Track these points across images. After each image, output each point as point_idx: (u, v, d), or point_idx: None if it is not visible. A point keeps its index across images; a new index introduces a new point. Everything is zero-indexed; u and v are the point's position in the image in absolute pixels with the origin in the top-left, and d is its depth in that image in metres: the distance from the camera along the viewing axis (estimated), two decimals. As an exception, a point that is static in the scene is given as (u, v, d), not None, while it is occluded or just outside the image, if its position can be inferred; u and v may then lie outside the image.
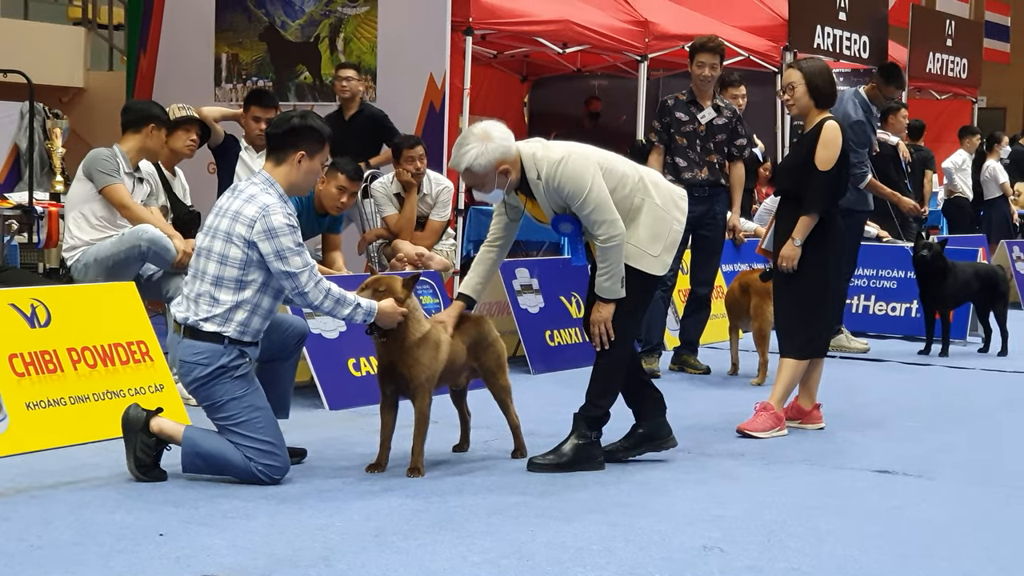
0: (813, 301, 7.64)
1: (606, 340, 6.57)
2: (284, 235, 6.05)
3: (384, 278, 6.49)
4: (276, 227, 6.05)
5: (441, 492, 6.03)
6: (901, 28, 18.35)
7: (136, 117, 8.46)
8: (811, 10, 15.85)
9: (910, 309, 11.88)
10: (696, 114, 9.66)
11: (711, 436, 7.59)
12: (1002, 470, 6.96)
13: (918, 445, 7.51)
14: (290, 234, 6.07)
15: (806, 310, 7.65)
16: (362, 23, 11.72)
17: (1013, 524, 5.90)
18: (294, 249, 6.07)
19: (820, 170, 7.56)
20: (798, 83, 7.60)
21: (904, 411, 8.04)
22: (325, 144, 6.34)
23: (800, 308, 7.66)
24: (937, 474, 6.80)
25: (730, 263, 11.53)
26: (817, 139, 7.57)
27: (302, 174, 6.29)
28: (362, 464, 6.52)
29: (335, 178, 8.99)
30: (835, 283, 7.97)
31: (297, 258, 6.07)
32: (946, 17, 19.54)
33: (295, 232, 6.10)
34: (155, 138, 8.46)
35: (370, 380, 8.23)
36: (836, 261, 7.78)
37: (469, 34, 11.76)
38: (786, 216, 7.74)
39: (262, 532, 5.36)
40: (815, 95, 7.63)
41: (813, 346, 7.73)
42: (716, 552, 5.27)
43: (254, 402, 6.17)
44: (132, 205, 8.25)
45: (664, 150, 9.69)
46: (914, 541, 5.53)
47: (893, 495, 6.35)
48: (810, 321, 7.68)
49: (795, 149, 8.02)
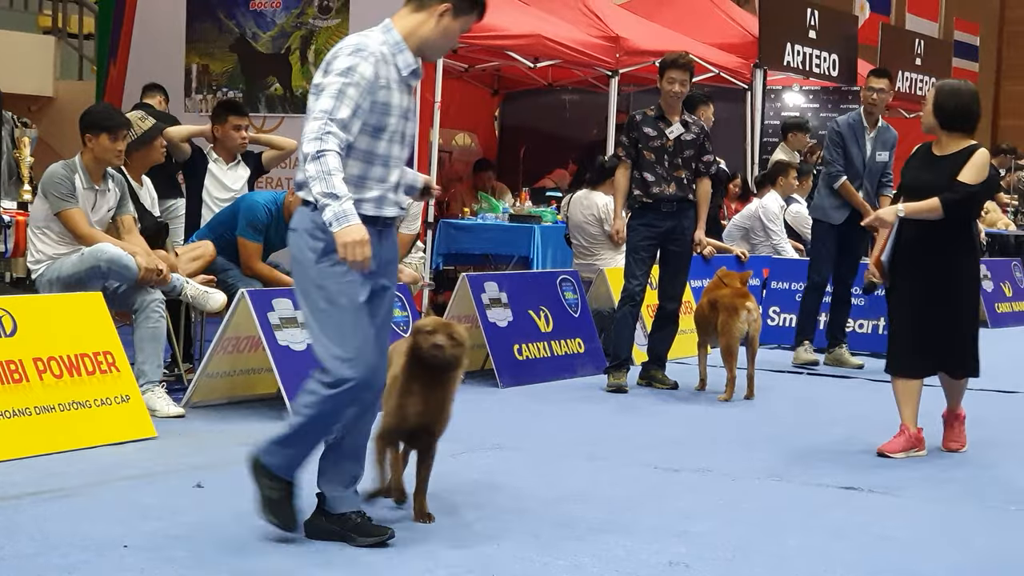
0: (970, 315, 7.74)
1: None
2: (334, 72, 5.12)
3: (456, 326, 5.77)
4: (332, 62, 5.16)
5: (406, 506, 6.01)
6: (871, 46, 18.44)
7: (82, 126, 8.33)
8: (781, 28, 15.92)
9: (877, 326, 11.91)
10: (664, 129, 9.68)
11: (678, 451, 7.59)
12: (969, 488, 6.98)
13: (884, 462, 7.52)
14: (344, 76, 5.10)
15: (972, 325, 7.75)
16: (333, 35, 11.70)
17: (980, 542, 5.91)
18: (330, 93, 5.08)
19: (967, 182, 7.53)
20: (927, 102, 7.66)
21: (870, 428, 8.05)
22: (475, 9, 5.37)
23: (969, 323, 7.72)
24: (903, 491, 6.81)
25: (699, 278, 11.56)
26: (967, 161, 7.54)
27: (439, 32, 5.31)
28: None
29: (304, 190, 8.98)
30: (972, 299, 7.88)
31: (327, 100, 5.07)
32: (915, 36, 19.66)
33: (350, 76, 5.10)
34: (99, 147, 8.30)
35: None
36: (974, 275, 7.78)
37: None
38: (919, 228, 7.62)
39: (226, 545, 5.34)
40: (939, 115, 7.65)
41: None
42: (682, 568, 5.27)
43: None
44: (85, 232, 8.10)
45: (632, 165, 9.71)
46: (880, 559, 5.54)
47: (859, 512, 6.35)
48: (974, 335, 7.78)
49: (932, 169, 7.74)
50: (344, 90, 5.08)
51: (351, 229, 4.99)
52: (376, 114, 5.19)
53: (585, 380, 10.04)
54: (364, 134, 5.17)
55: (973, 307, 7.78)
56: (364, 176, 5.21)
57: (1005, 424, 8.93)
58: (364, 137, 5.17)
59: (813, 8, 16.57)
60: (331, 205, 4.98)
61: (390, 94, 5.22)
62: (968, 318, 7.71)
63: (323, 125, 5.03)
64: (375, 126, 5.20)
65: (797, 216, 13.60)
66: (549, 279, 10.59)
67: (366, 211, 5.18)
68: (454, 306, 9.75)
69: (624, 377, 9.70)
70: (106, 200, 8.35)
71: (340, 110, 5.07)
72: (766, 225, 13.26)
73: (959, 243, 7.59)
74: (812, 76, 16.73)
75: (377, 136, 5.21)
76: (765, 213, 13.30)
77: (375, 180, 5.23)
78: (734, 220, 13.69)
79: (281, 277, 9.01)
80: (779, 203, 13.45)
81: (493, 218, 13.14)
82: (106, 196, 8.35)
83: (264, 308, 8.08)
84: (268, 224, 9.03)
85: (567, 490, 6.51)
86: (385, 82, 5.20)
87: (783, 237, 13.31)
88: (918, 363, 7.65)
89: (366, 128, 5.17)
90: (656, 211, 9.67)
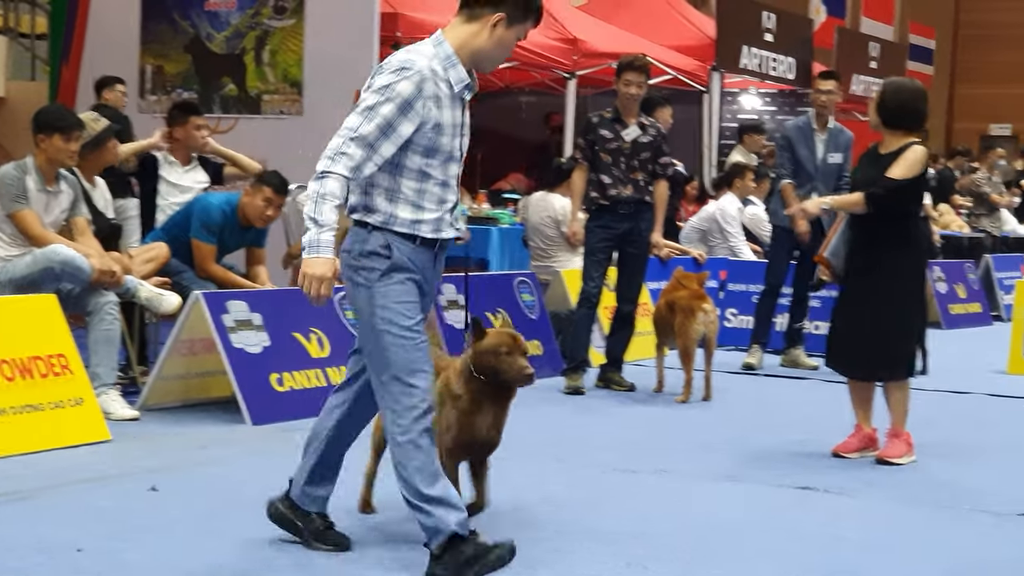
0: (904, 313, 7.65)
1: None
2: (372, 89, 4.94)
3: (520, 338, 5.57)
4: (375, 78, 4.98)
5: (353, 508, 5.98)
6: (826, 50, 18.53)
7: (34, 126, 8.25)
8: (737, 31, 15.98)
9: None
10: (620, 132, 9.68)
11: (637, 453, 7.59)
12: (923, 488, 7.01)
13: (840, 462, 7.54)
14: (379, 93, 4.90)
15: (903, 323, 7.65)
16: (288, 36, 11.66)
17: (934, 542, 5.93)
18: (361, 110, 4.90)
19: (893, 177, 7.53)
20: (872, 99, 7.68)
21: (826, 429, 8.07)
22: (530, 17, 5.16)
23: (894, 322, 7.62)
24: (859, 492, 6.83)
25: (656, 280, 11.57)
26: (897, 157, 7.56)
27: (493, 42, 5.08)
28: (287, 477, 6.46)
29: (261, 191, 8.97)
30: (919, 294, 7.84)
31: (355, 117, 4.90)
32: (870, 39, 19.76)
33: (386, 93, 4.89)
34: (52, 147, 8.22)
35: (293, 395, 8.20)
36: (914, 273, 7.70)
37: (398, 48, 11.70)
38: (858, 225, 7.68)
39: (180, 548, 5.30)
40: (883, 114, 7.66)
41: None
42: (640, 569, 5.26)
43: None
44: (38, 233, 8.04)
45: (589, 167, 9.71)
46: (836, 559, 5.55)
47: (816, 513, 6.37)
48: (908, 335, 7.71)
49: (875, 166, 7.73)
50: (376, 107, 4.88)
51: (319, 262, 4.84)
52: (428, 134, 4.96)
53: (543, 382, 9.99)
54: (416, 153, 4.97)
55: (910, 307, 7.66)
56: (420, 197, 5.01)
57: (958, 425, 8.97)
58: (416, 156, 4.98)
59: (769, 11, 16.63)
60: (311, 231, 4.82)
61: (441, 112, 4.98)
62: (901, 318, 7.59)
63: (341, 144, 4.85)
64: (427, 147, 4.98)
65: (754, 218, 13.63)
66: (506, 281, 10.58)
67: (424, 233, 5.01)
68: (411, 308, 9.70)
69: (581, 379, 9.70)
70: (59, 202, 8.28)
71: (365, 127, 4.86)
72: (723, 227, 13.28)
73: (895, 241, 7.54)
74: (768, 79, 16.80)
75: (431, 156, 5.00)
76: (722, 215, 13.33)
77: (432, 201, 5.03)
78: (691, 222, 13.71)
79: (235, 279, 8.96)
80: (736, 205, 13.48)
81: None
82: (59, 197, 8.28)
83: (218, 310, 8.03)
84: (223, 226, 8.98)
85: (524, 491, 6.49)
86: (435, 100, 4.95)
87: (740, 239, 13.34)
88: (850, 363, 7.68)
89: (417, 148, 4.96)
90: (613, 213, 9.67)
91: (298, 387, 8.31)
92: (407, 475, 5.01)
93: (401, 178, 4.98)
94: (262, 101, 11.80)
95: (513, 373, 5.41)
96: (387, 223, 4.98)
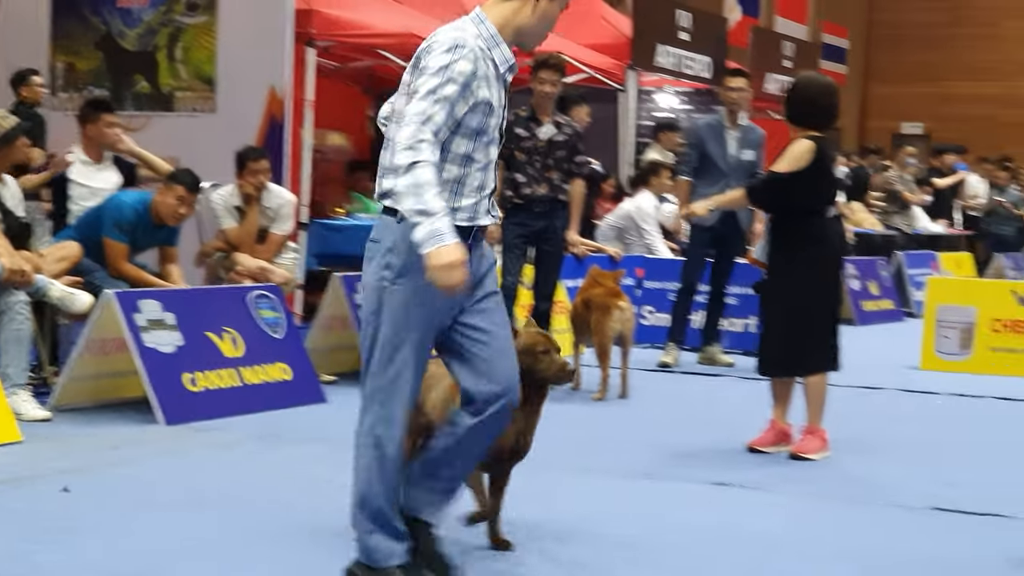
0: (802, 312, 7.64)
1: None
2: (429, 72, 4.60)
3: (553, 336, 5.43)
4: (426, 59, 4.66)
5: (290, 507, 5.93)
6: (741, 48, 18.64)
7: None
8: (653, 29, 16.02)
9: (748, 325, 12.03)
10: (535, 130, 9.67)
11: (553, 451, 7.56)
12: (837, 483, 7.07)
13: (755, 458, 7.59)
14: (438, 75, 4.58)
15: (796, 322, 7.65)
16: (201, 33, 11.54)
17: (849, 537, 5.98)
18: (424, 95, 4.56)
19: (773, 170, 7.59)
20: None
21: (741, 426, 8.11)
22: None
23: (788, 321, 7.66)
24: (774, 488, 6.87)
25: (572, 278, 11.58)
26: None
27: (537, 18, 4.80)
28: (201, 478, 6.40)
29: (173, 189, 8.90)
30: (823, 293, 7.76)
31: (420, 103, 4.55)
32: (784, 39, 19.90)
33: (446, 74, 4.58)
34: None
35: (207, 395, 8.13)
36: (820, 270, 7.69)
37: (312, 46, 11.64)
38: (771, 225, 7.74)
39: (93, 549, 5.24)
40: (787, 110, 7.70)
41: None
42: (552, 564, 5.26)
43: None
44: None
45: (504, 166, 9.69)
46: (751, 555, 5.58)
47: (731, 508, 6.40)
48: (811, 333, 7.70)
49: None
50: (439, 89, 4.55)
51: (444, 251, 4.42)
52: (478, 115, 4.67)
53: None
54: (464, 137, 4.67)
55: (821, 304, 7.67)
56: (461, 183, 4.71)
57: (871, 420, 9.07)
58: (463, 140, 4.67)
59: (684, 10, 16.70)
60: (423, 223, 4.42)
61: (491, 93, 4.71)
62: (812, 315, 7.63)
63: (416, 131, 4.49)
64: (476, 128, 4.68)
65: (670, 216, 13.69)
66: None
67: (459, 221, 4.66)
68: (326, 307, 9.67)
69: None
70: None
71: (436, 113, 4.53)
72: (639, 225, 13.33)
73: (804, 239, 7.60)
74: (684, 77, 16.86)
75: (478, 139, 4.69)
76: (639, 213, 13.37)
77: (472, 187, 4.74)
78: (608, 220, 13.74)
79: (148, 278, 8.87)
80: (653, 203, 13.53)
81: (367, 219, 13.06)
82: (-34, 196, 8.17)
83: (130, 309, 7.95)
84: (135, 225, 8.89)
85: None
86: (486, 81, 4.68)
87: (657, 237, 13.39)
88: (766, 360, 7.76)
89: (466, 131, 4.66)
90: (528, 211, 9.67)
91: (212, 387, 8.24)
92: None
93: (444, 163, 4.64)
94: (175, 98, 11.67)
95: (554, 371, 5.20)
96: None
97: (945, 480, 7.19)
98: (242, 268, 9.62)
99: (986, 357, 11.68)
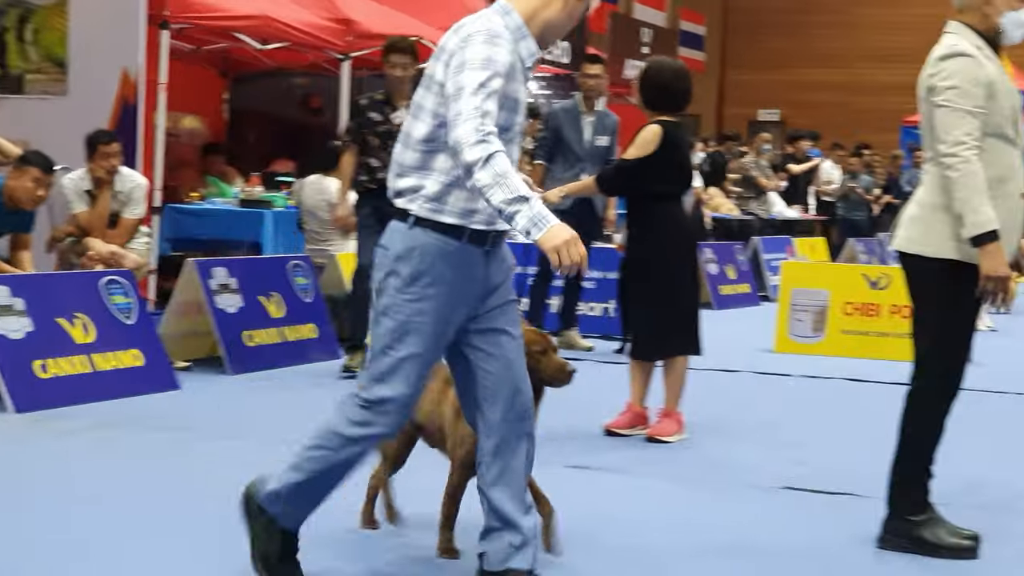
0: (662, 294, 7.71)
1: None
2: (471, 65, 4.36)
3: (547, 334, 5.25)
4: (464, 51, 4.43)
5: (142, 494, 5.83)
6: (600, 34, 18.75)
7: None
8: (512, 14, 16.03)
9: (607, 309, 12.10)
10: (390, 114, 9.59)
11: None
12: (695, 466, 7.13)
13: (614, 442, 7.63)
14: (484, 67, 4.34)
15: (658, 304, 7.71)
16: (52, 14, 11.31)
17: (707, 519, 6.03)
18: (474, 89, 4.30)
19: (621, 157, 7.68)
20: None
21: (599, 409, 8.15)
22: None
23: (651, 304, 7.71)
24: (632, 470, 6.91)
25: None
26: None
27: (565, 13, 4.59)
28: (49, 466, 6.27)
29: (27, 172, 8.72)
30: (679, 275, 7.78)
31: (472, 97, 4.28)
32: (643, 25, 20.06)
33: (491, 66, 4.35)
34: None
35: (58, 382, 7.97)
36: (675, 254, 7.72)
37: (165, 28, 11.46)
38: (627, 211, 7.85)
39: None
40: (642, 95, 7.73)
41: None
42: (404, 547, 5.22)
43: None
44: None
45: (358, 150, 9.62)
46: (608, 537, 5.60)
47: (590, 492, 6.42)
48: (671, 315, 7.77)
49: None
50: (488, 84, 4.31)
51: (553, 231, 4.21)
52: (505, 111, 4.44)
53: (318, 366, 9.93)
54: None
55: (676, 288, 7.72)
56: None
57: (727, 403, 9.16)
58: None
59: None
60: (522, 210, 4.19)
61: (517, 88, 4.50)
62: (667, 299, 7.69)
63: (479, 125, 4.22)
64: (503, 125, 4.41)
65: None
66: (280, 264, 10.44)
67: (476, 225, 4.49)
68: (180, 292, 9.53)
69: (359, 360, 9.62)
70: None
71: (489, 104, 4.29)
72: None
73: (656, 224, 7.69)
74: (543, 63, 16.91)
75: (503, 136, 4.38)
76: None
77: None
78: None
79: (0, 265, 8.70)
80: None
81: (222, 203, 12.91)
82: None
83: (-22, 296, 7.78)
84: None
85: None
86: (516, 74, 4.48)
87: (515, 222, 13.41)
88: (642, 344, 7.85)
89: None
90: (381, 197, 9.53)
91: (63, 373, 8.09)
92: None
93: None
94: (25, 80, 11.44)
95: (552, 372, 4.99)
96: (436, 211, 4.49)
97: (797, 460, 7.30)
98: (93, 253, 9.45)
99: (838, 340, 11.88)
